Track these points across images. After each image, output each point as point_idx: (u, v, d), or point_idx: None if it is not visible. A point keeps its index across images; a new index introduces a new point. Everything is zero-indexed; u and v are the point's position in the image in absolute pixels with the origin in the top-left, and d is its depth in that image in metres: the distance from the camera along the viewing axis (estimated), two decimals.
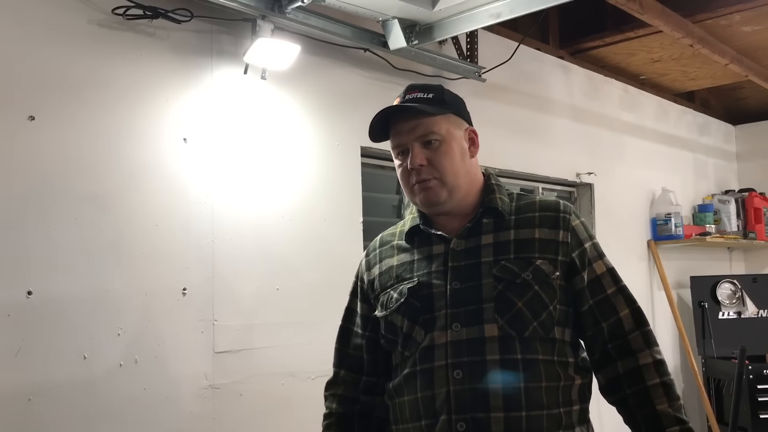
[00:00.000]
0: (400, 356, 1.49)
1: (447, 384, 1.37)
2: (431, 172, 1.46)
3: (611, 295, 1.46)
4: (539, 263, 1.42)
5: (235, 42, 2.40)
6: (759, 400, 3.95)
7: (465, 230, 1.48)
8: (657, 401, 1.39)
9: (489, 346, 1.37)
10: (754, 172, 5.46)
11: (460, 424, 1.35)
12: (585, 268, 1.46)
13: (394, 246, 1.58)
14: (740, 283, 4.52)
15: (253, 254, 2.39)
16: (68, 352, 1.94)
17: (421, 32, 2.66)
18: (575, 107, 3.95)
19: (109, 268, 2.03)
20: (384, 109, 1.50)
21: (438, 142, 1.47)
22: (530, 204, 1.52)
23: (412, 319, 1.45)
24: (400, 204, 3.08)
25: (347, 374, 1.61)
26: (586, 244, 1.49)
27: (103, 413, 1.98)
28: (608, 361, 1.44)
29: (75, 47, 2.02)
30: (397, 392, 1.47)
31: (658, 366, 1.42)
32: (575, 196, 4.06)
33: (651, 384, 1.40)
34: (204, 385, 2.22)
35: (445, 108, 1.49)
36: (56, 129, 1.96)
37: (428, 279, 1.46)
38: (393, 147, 1.52)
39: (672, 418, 1.38)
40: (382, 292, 1.53)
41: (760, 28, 3.63)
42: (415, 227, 1.54)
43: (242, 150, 2.40)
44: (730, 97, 5.35)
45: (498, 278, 1.41)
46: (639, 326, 1.45)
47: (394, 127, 1.50)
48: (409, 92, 1.50)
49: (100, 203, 2.03)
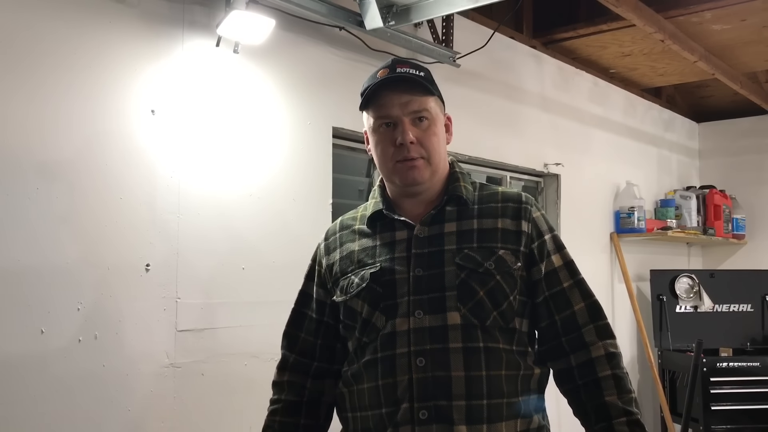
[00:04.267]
0: (357, 342, 1.46)
1: (409, 371, 1.36)
2: (419, 150, 1.44)
3: (567, 288, 1.46)
4: (502, 253, 1.42)
5: (208, 13, 2.34)
6: (711, 392, 4.05)
7: (429, 217, 1.46)
8: (606, 392, 1.40)
9: (452, 333, 1.36)
10: (716, 169, 5.57)
11: (422, 412, 1.34)
12: (543, 260, 1.46)
13: (355, 230, 1.55)
14: (698, 278, 4.62)
15: (219, 232, 2.34)
16: (24, 327, 1.87)
17: (398, 13, 2.63)
18: (545, 97, 3.97)
19: (68, 241, 1.97)
20: (384, 77, 1.43)
21: (428, 121, 1.45)
22: (493, 194, 1.51)
23: (372, 304, 1.43)
24: (370, 187, 3.05)
25: (297, 359, 1.57)
26: (545, 235, 1.48)
27: (59, 389, 1.93)
28: (561, 353, 1.45)
29: (39, 8, 1.93)
30: (356, 379, 1.45)
31: (611, 358, 1.42)
32: (542, 186, 4.08)
33: (602, 376, 1.41)
34: (165, 363, 2.18)
35: (434, 89, 1.48)
36: (16, 93, 1.88)
37: (391, 265, 1.44)
38: (377, 117, 1.46)
39: (620, 410, 1.38)
40: (342, 276, 1.50)
41: (729, 27, 3.68)
42: (377, 212, 1.51)
43: (211, 125, 2.34)
44: (696, 94, 5.45)
45: (461, 266, 1.40)
46: (593, 320, 1.45)
47: (381, 96, 1.45)
48: (399, 65, 1.46)
49: (57, 172, 1.95)
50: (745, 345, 4.53)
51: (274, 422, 1.55)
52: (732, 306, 4.62)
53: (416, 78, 1.44)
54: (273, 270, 2.48)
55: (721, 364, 4.13)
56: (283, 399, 1.56)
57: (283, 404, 1.56)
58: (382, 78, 1.44)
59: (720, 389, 4.07)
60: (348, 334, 1.50)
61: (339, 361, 1.55)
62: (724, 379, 4.10)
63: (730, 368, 4.13)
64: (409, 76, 1.44)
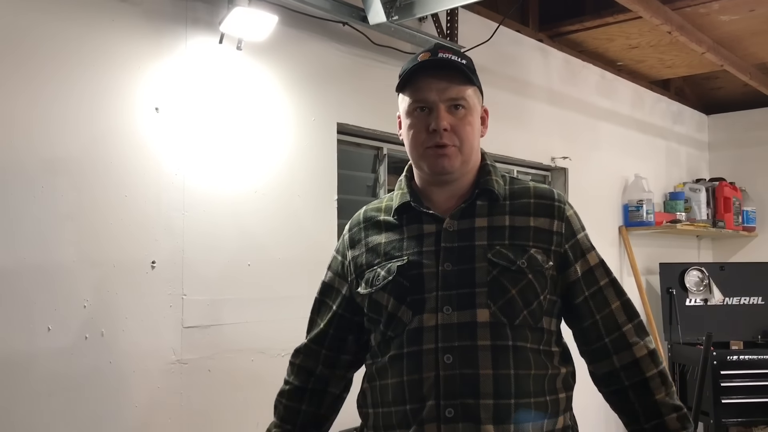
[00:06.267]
0: (381, 336, 1.43)
1: (436, 368, 1.33)
2: (452, 138, 1.39)
3: (604, 287, 1.45)
4: (533, 252, 1.39)
5: (210, 10, 2.34)
6: (722, 386, 4.02)
7: (459, 211, 1.43)
8: (656, 391, 1.41)
9: (480, 331, 1.33)
10: (725, 161, 5.53)
11: (448, 410, 1.31)
12: (578, 260, 1.44)
13: (380, 222, 1.51)
14: (708, 271, 4.58)
15: (224, 229, 2.35)
16: (31, 324, 1.88)
17: (402, 8, 2.62)
18: (552, 91, 3.95)
19: (74, 239, 1.98)
20: (426, 59, 1.40)
21: (465, 110, 1.41)
22: (525, 190, 1.47)
23: (398, 298, 1.39)
24: (376, 183, 3.05)
25: (311, 344, 1.58)
26: (578, 235, 1.47)
27: (66, 386, 1.94)
28: (604, 354, 1.44)
29: (44, 8, 1.94)
30: (380, 375, 1.42)
31: (654, 356, 1.43)
32: (549, 180, 4.07)
33: (649, 375, 1.41)
34: (172, 360, 2.19)
35: (475, 79, 1.45)
36: (21, 93, 1.89)
37: (419, 258, 1.40)
38: (413, 101, 1.42)
39: (670, 406, 1.40)
40: (368, 269, 1.47)
41: (737, 17, 3.65)
42: (405, 204, 1.47)
43: (216, 122, 2.35)
44: (705, 86, 5.40)
45: (493, 263, 1.37)
46: (630, 318, 1.44)
47: (420, 80, 1.41)
48: (442, 51, 1.42)
49: (62, 170, 1.96)
50: (756, 338, 4.49)
51: (280, 403, 1.59)
52: (742, 299, 4.59)
53: (457, 64, 1.40)
54: (278, 266, 2.49)
55: (731, 357, 4.11)
56: (290, 382, 1.59)
57: (290, 387, 1.58)
58: (422, 61, 1.41)
59: (730, 382, 4.04)
60: (373, 327, 1.47)
61: (347, 352, 1.56)
62: (734, 372, 4.07)
63: (740, 361, 4.10)
64: (450, 61, 1.40)
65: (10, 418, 1.83)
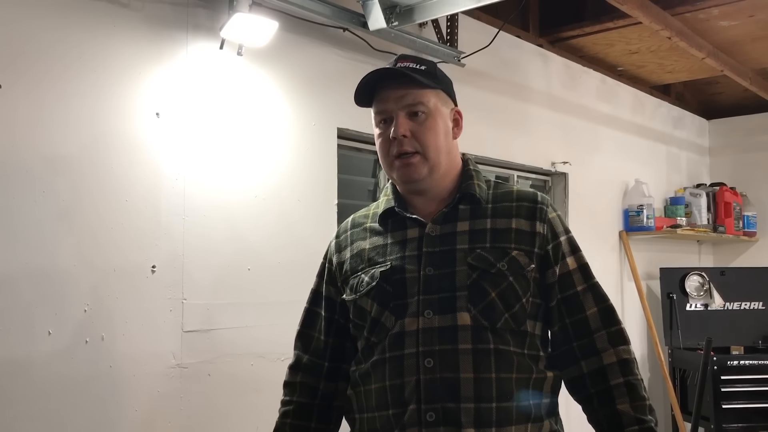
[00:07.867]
0: (365, 342, 1.44)
1: (417, 372, 1.34)
2: (413, 144, 1.41)
3: (580, 292, 1.44)
4: (515, 254, 1.40)
5: (211, 16, 2.35)
6: (722, 391, 4.02)
7: (441, 215, 1.44)
8: (618, 401, 1.38)
9: (461, 334, 1.34)
10: (726, 166, 5.53)
11: (429, 414, 1.31)
12: (557, 263, 1.44)
13: (366, 228, 1.53)
14: (708, 276, 4.58)
15: (224, 234, 2.36)
16: (32, 328, 1.89)
17: (402, 13, 2.63)
18: (552, 96, 3.96)
19: (75, 243, 1.99)
20: (376, 70, 1.44)
21: (424, 114, 1.42)
22: (507, 193, 1.48)
23: (382, 303, 1.40)
24: (376, 187, 3.06)
25: (311, 359, 1.55)
26: (561, 237, 1.46)
27: (66, 390, 1.95)
28: (572, 359, 1.43)
29: (46, 15, 1.96)
30: (363, 380, 1.43)
31: (623, 365, 1.40)
32: (550, 185, 4.07)
33: (614, 384, 1.39)
34: (172, 364, 2.19)
35: (436, 82, 1.45)
36: (24, 98, 1.90)
37: (401, 264, 1.41)
38: (376, 113, 1.46)
39: (632, 418, 1.36)
40: (352, 275, 1.48)
41: (737, 23, 3.66)
42: (389, 209, 1.49)
43: (216, 127, 2.36)
44: (705, 91, 5.40)
45: (473, 266, 1.37)
46: (606, 325, 1.42)
47: (380, 92, 1.45)
48: (401, 61, 1.45)
49: (64, 175, 1.97)
50: (756, 343, 4.49)
51: (285, 424, 1.53)
52: (743, 304, 4.59)
53: (411, 72, 1.42)
54: (279, 270, 2.49)
55: (732, 362, 4.10)
56: (295, 401, 1.54)
57: (295, 406, 1.54)
58: (376, 71, 1.44)
59: (731, 387, 4.04)
60: (357, 333, 1.48)
61: (348, 360, 1.53)
62: (735, 377, 4.07)
63: (741, 366, 4.10)
64: (404, 70, 1.42)
65: (11, 422, 1.84)
